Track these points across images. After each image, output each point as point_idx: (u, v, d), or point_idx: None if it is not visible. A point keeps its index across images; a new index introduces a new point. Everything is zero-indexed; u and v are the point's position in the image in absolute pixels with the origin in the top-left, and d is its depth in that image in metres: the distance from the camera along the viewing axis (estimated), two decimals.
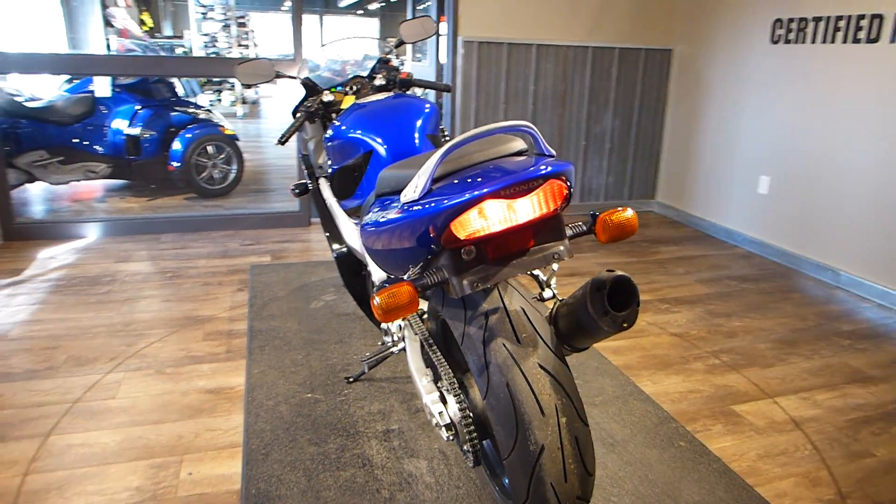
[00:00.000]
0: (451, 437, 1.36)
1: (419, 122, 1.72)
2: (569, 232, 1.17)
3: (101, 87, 4.52)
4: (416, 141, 1.68)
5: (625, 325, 1.17)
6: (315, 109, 2.07)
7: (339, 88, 2.20)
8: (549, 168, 1.01)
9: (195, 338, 2.54)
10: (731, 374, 2.37)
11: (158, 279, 3.17)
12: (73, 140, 4.48)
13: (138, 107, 4.62)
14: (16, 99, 4.31)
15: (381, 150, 1.69)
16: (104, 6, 8.07)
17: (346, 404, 2.07)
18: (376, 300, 1.01)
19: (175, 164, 4.63)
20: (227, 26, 10.79)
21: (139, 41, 7.79)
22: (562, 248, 1.16)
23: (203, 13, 10.75)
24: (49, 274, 3.20)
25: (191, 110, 4.91)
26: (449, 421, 1.35)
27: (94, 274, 3.21)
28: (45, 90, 4.84)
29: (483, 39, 4.10)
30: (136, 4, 10.00)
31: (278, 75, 2.12)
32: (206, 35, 10.75)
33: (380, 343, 2.44)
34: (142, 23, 10.36)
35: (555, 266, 1.20)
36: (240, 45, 11.00)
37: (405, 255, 1.19)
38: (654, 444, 1.89)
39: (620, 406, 2.10)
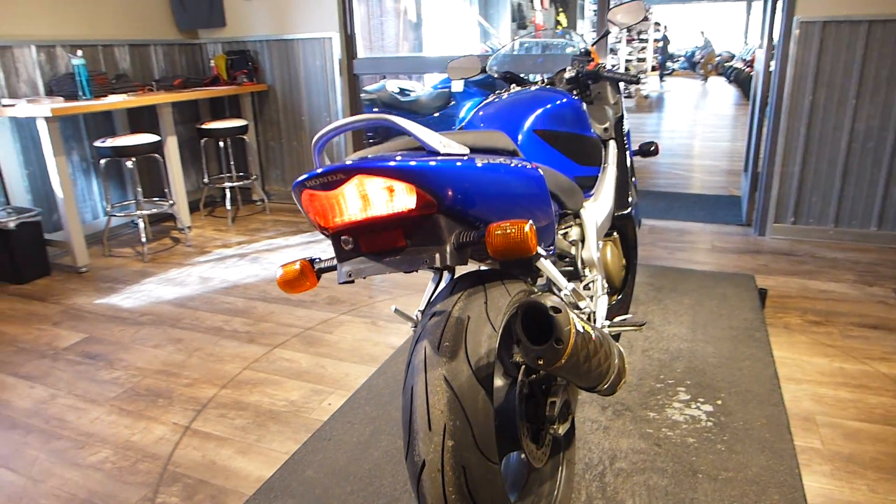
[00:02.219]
0: None
1: (530, 117, 1.64)
2: (455, 240, 1.01)
3: (457, 83, 5.34)
4: (519, 136, 1.61)
5: (539, 362, 0.99)
6: None
7: (549, 76, 2.20)
8: (358, 163, 0.92)
9: (417, 304, 2.93)
10: None
11: None
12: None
13: (478, 99, 5.30)
14: (394, 95, 5.48)
15: None
16: (517, 9, 9.27)
17: None
18: (279, 270, 1.10)
19: None
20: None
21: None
22: (436, 254, 1.03)
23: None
24: None
25: None
26: None
27: None
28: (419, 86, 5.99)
29: (829, 18, 3.29)
30: (552, 6, 11.05)
31: (484, 70, 2.25)
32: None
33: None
34: (557, 23, 11.41)
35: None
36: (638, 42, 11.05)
37: None
38: None
39: None
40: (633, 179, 2.26)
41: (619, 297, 1.96)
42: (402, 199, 0.93)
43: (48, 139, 3.26)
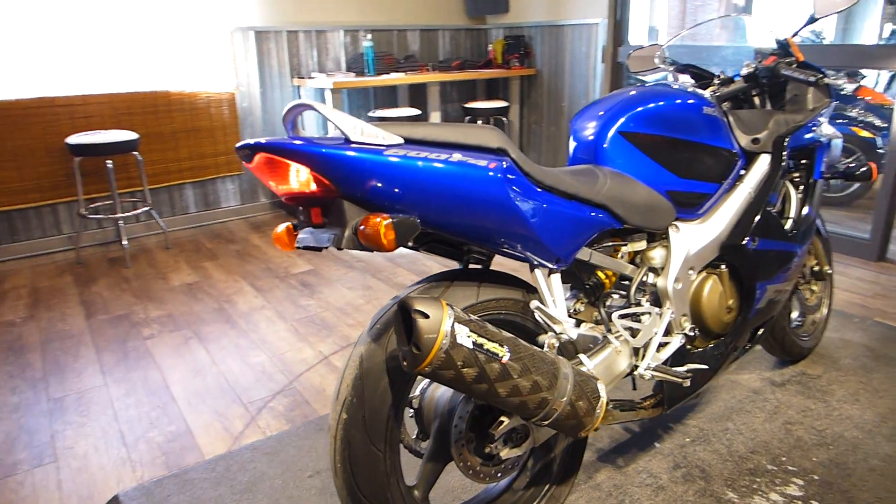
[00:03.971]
0: None
1: (621, 118, 1.44)
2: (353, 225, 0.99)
3: None
4: (603, 137, 1.44)
5: (404, 363, 0.97)
6: None
7: (736, 77, 1.89)
8: (268, 141, 0.96)
9: None
10: None
11: None
12: None
13: None
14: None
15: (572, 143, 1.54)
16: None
17: None
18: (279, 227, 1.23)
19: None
20: None
21: None
22: (332, 234, 1.01)
23: None
24: None
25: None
26: None
27: None
28: None
29: None
30: None
31: (672, 63, 2.02)
32: None
33: None
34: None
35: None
36: None
37: None
38: None
39: None
40: (807, 210, 1.78)
41: (730, 342, 1.61)
42: (303, 179, 1.00)
43: (330, 104, 4.02)
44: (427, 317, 0.94)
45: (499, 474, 1.24)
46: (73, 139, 3.33)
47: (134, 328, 2.68)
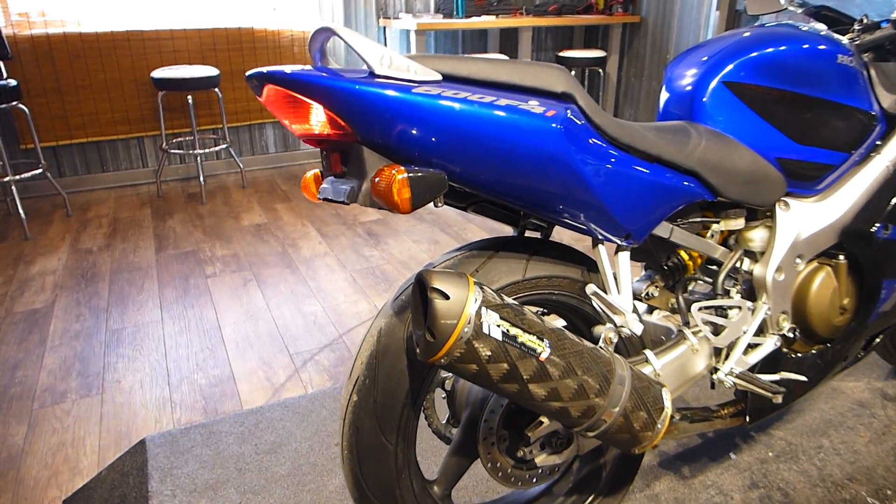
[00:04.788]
0: None
1: (728, 65, 1.16)
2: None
3: None
4: (704, 88, 1.17)
5: (417, 349, 0.81)
6: None
7: (884, 24, 1.53)
8: (274, 71, 0.80)
9: None
10: None
11: None
12: None
13: None
14: None
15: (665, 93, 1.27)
16: None
17: None
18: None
19: None
20: None
21: None
22: (350, 186, 0.83)
23: None
24: None
25: None
26: None
27: None
28: None
29: None
30: None
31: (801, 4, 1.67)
32: None
33: None
34: None
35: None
36: None
37: None
38: None
39: None
40: None
41: (838, 349, 1.33)
42: (318, 119, 0.83)
43: (413, 50, 3.81)
44: (447, 297, 0.76)
45: (533, 479, 1.07)
46: (157, 73, 3.34)
47: (199, 265, 2.68)
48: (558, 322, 1.25)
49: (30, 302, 2.37)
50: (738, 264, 1.20)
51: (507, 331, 0.79)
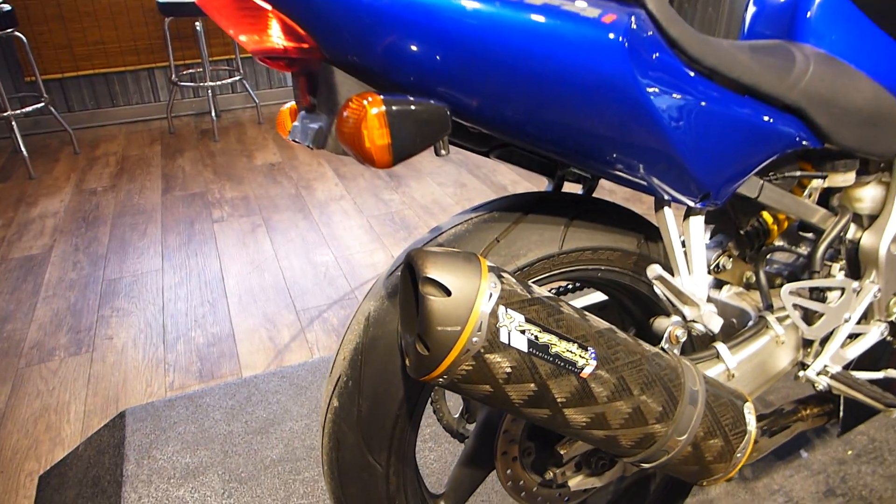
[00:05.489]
0: None
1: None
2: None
3: None
4: None
5: (407, 363, 0.58)
6: None
7: None
8: None
9: None
10: None
11: None
12: None
13: None
14: None
15: None
16: None
17: None
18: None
19: None
20: None
21: None
22: (319, 124, 0.58)
23: None
24: None
25: None
26: None
27: None
28: None
29: None
30: None
31: None
32: None
33: None
34: None
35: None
36: None
37: None
38: None
39: None
40: None
41: None
42: (267, 26, 0.58)
43: None
44: (448, 293, 0.53)
45: (566, 498, 0.86)
46: None
47: (206, 209, 2.49)
48: (596, 299, 1.01)
49: (27, 247, 2.22)
50: (841, 232, 0.93)
51: (536, 338, 0.56)
